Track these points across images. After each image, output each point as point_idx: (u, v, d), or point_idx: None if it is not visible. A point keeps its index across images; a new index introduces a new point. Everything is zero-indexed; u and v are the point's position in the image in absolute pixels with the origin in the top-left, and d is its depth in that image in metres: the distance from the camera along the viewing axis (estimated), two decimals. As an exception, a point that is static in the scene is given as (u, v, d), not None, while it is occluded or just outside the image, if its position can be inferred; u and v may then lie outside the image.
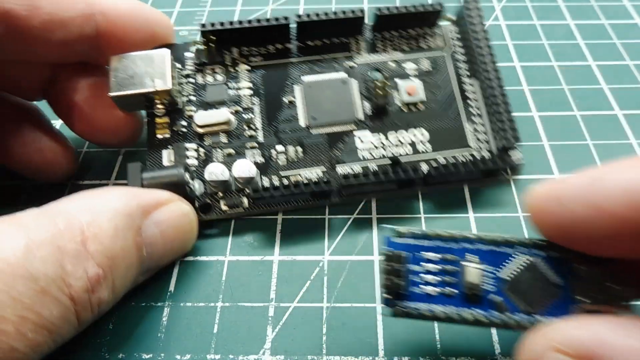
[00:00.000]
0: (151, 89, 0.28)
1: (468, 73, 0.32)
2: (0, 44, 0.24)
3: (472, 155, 0.30)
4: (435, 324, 0.25)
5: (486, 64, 0.30)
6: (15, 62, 0.27)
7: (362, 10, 0.30)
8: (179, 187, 0.26)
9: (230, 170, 0.28)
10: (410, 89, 0.30)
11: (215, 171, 0.28)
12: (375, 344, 0.25)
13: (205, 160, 0.29)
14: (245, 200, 0.28)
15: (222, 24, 0.29)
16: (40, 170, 0.30)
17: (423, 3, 0.31)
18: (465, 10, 0.31)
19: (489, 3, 0.44)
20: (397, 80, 0.31)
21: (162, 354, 0.24)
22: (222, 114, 0.29)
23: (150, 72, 0.28)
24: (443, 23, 0.33)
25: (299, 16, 0.30)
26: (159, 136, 0.29)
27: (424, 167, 0.29)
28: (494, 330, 0.25)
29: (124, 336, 0.25)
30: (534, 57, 0.39)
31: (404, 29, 0.32)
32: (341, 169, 0.29)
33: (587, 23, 0.42)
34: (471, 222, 0.29)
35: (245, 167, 0.28)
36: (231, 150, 0.29)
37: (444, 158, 0.29)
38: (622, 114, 0.34)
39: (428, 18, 0.32)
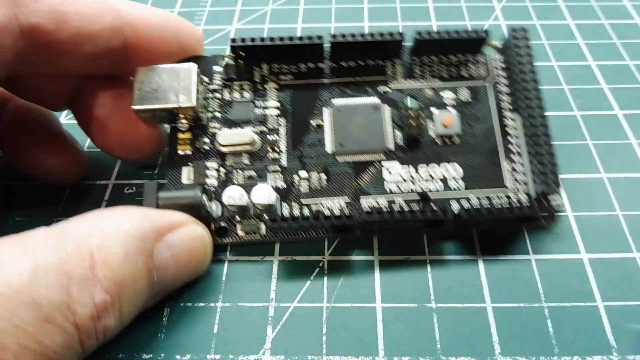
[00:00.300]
0: (175, 105, 0.27)
1: (510, 107, 0.29)
2: (26, 58, 0.23)
3: (507, 196, 0.28)
4: (435, 325, 0.25)
5: (531, 100, 0.28)
6: (40, 74, 0.26)
7: (400, 34, 0.29)
8: (195, 209, 0.25)
9: (249, 194, 0.27)
10: (446, 121, 0.29)
11: (234, 195, 0.26)
12: (375, 344, 0.24)
13: (225, 181, 0.28)
14: (263, 227, 0.27)
15: (252, 39, 0.28)
16: (50, 174, 0.30)
17: (466, 29, 0.29)
18: (512, 39, 0.29)
19: (489, 3, 0.44)
20: (432, 109, 0.29)
21: (162, 354, 0.24)
22: (246, 135, 0.28)
23: (175, 86, 0.27)
24: (487, 50, 0.31)
25: (334, 36, 0.28)
26: (180, 152, 0.28)
27: (455, 206, 0.27)
28: (493, 330, 0.25)
29: (124, 336, 0.24)
30: (536, 57, 0.38)
31: (444, 54, 0.30)
32: (365, 202, 0.27)
33: (587, 23, 0.42)
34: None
35: (264, 194, 0.26)
36: (252, 173, 0.28)
37: (477, 198, 0.28)
38: (622, 114, 0.34)
39: (471, 45, 0.30)
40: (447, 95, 0.30)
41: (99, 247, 0.20)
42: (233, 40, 0.28)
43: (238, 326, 0.25)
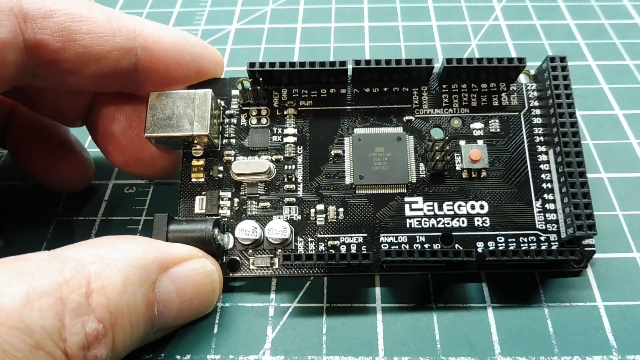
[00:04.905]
0: (189, 133, 0.26)
1: (542, 139, 0.28)
2: (31, 73, 0.23)
3: (537, 238, 0.26)
4: (435, 325, 0.25)
5: (566, 134, 0.26)
6: (49, 89, 0.26)
7: (429, 60, 0.27)
8: (206, 244, 0.24)
9: (263, 228, 0.26)
10: (474, 155, 0.27)
11: (247, 229, 0.25)
12: (375, 344, 0.24)
13: (239, 212, 0.27)
14: (276, 262, 0.26)
15: (272, 64, 0.27)
16: (57, 182, 0.30)
17: (500, 57, 0.27)
18: (548, 68, 0.27)
19: (489, 3, 0.44)
20: (460, 142, 0.28)
21: (162, 354, 0.24)
22: (262, 165, 0.27)
23: (190, 114, 0.26)
24: (521, 79, 0.29)
25: (357, 61, 0.27)
26: (194, 179, 0.27)
27: (480, 247, 0.26)
28: (493, 330, 0.25)
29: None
30: (535, 57, 0.37)
31: (476, 82, 0.29)
32: (385, 239, 0.26)
33: (587, 23, 0.42)
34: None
35: (278, 228, 0.25)
36: (267, 204, 0.27)
37: (504, 238, 0.26)
38: (622, 114, 0.34)
39: (506, 73, 0.28)
40: (476, 126, 0.28)
41: (98, 274, 0.19)
42: (252, 65, 0.27)
43: (238, 326, 0.25)
